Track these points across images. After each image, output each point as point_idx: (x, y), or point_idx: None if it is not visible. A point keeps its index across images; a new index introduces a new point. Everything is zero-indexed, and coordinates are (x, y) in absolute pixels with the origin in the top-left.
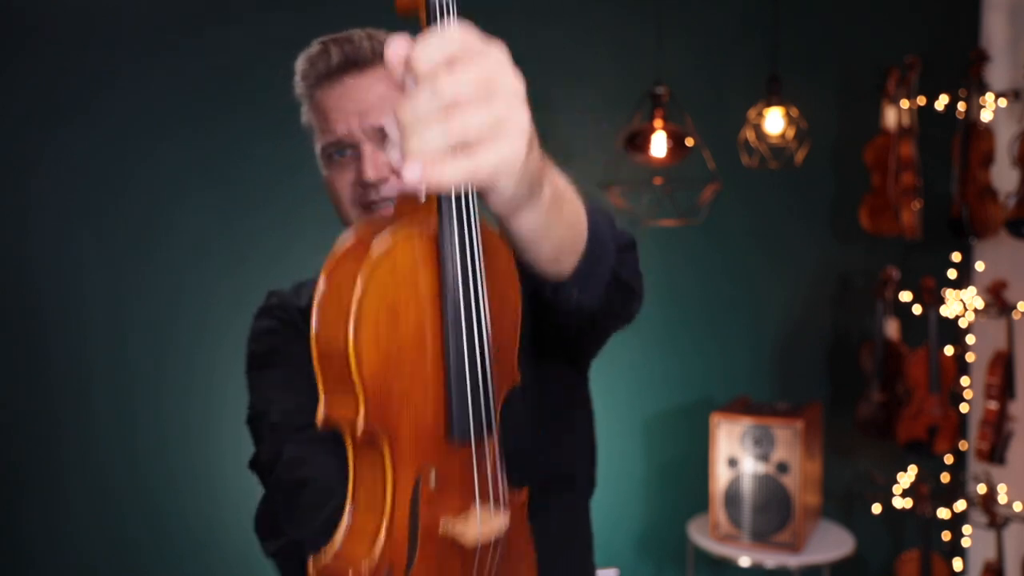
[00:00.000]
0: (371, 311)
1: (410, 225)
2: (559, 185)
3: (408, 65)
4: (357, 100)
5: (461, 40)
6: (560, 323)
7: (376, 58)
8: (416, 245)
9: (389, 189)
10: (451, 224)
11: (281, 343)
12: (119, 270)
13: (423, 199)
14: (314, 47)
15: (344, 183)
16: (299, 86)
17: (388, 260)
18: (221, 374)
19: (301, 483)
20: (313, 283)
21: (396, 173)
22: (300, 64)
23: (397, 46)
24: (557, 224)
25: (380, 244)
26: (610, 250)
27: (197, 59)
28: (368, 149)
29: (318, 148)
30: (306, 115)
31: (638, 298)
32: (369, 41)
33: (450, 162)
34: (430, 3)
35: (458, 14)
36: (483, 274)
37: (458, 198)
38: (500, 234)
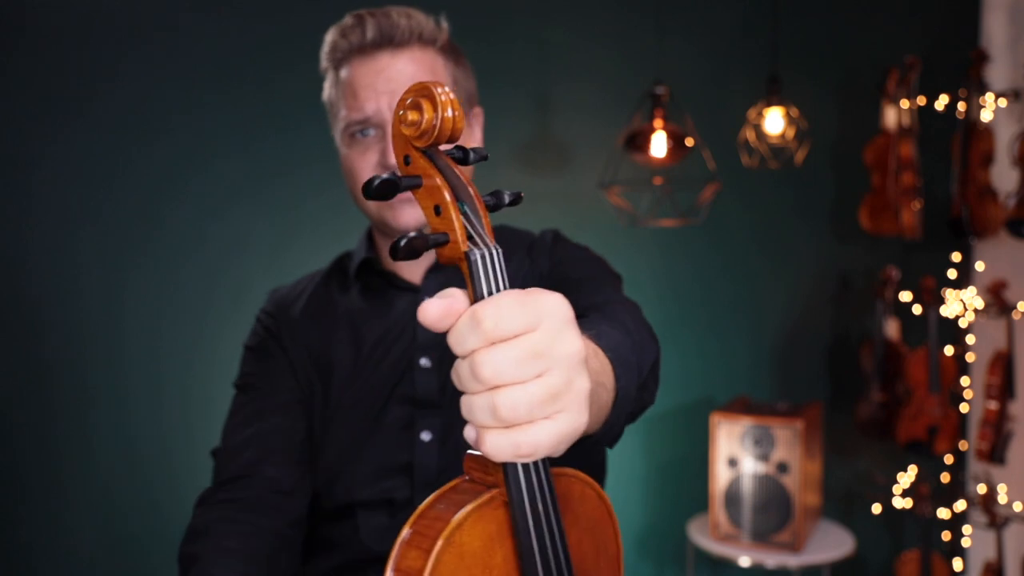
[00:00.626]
0: None
1: (476, 496)
2: (593, 383)
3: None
4: (389, 79)
5: (500, 320)
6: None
7: (412, 38)
8: (485, 517)
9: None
10: (519, 490)
11: (257, 366)
12: (116, 267)
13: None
14: (347, 19)
15: (365, 165)
16: (326, 58)
17: (453, 548)
18: (219, 369)
19: (191, 558)
20: (311, 278)
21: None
22: (330, 36)
23: (432, 308)
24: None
25: (445, 525)
26: (631, 399)
27: (194, 56)
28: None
29: (340, 125)
30: (329, 90)
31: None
32: (407, 20)
33: (501, 436)
34: (471, 259)
35: (454, 18)
36: (563, 532)
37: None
38: (582, 478)
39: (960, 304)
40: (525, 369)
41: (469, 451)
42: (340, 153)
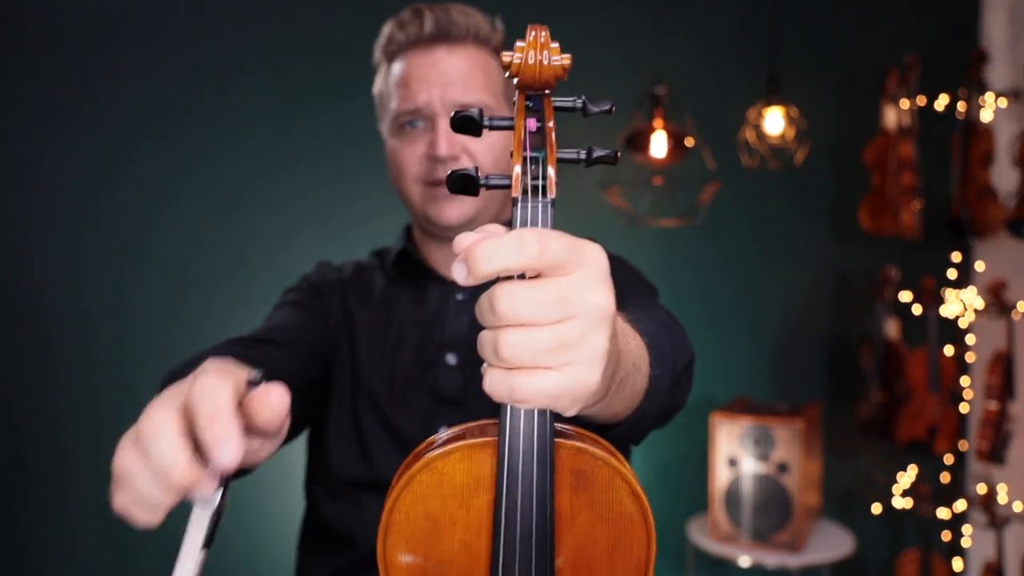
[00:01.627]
0: (404, 518)
1: (478, 436)
2: (628, 364)
3: (465, 260)
4: (443, 73)
5: (529, 253)
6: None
7: (469, 36)
8: (476, 458)
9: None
10: (504, 436)
11: (297, 296)
12: (118, 266)
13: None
14: (405, 13)
15: (412, 155)
16: (380, 51)
17: (433, 470)
18: None
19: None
20: (353, 262)
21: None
22: (387, 28)
23: (465, 239)
24: (617, 402)
25: (433, 452)
26: (664, 390)
27: (194, 56)
28: (444, 124)
29: (390, 116)
30: (380, 83)
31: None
32: (465, 17)
33: (499, 375)
34: (518, 203)
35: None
36: (546, 497)
37: (527, 415)
38: (613, 466)
39: (960, 304)
40: (545, 312)
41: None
42: (386, 144)
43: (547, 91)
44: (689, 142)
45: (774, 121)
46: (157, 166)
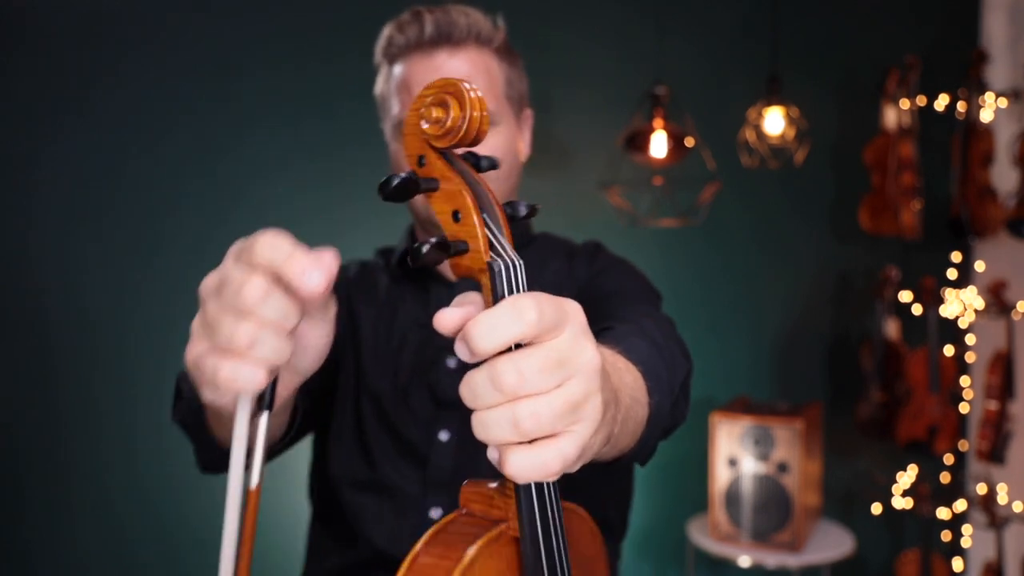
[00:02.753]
0: None
1: (485, 530)
2: (627, 399)
3: (464, 340)
4: (446, 76)
5: (528, 321)
6: None
7: (470, 37)
8: (496, 554)
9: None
10: (533, 523)
11: None
12: (118, 267)
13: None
14: (405, 15)
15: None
16: (380, 53)
17: None
18: None
19: None
20: (359, 261)
21: None
22: (388, 30)
23: (447, 319)
24: (623, 438)
25: (454, 565)
26: (665, 414)
27: (194, 56)
28: None
29: (392, 120)
30: (381, 85)
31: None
32: (466, 18)
33: (526, 454)
34: (494, 269)
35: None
36: (571, 571)
37: (539, 489)
38: (580, 514)
39: (960, 304)
40: (549, 378)
41: (467, 483)
42: (390, 148)
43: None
44: (689, 142)
45: (774, 121)
46: (157, 166)
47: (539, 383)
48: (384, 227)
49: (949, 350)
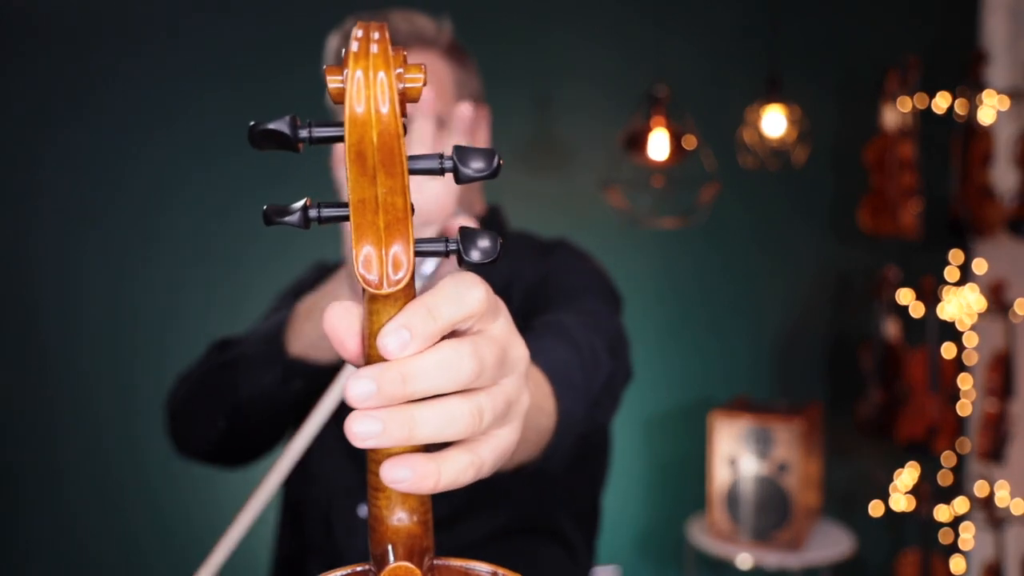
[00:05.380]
0: None
1: None
2: (532, 405)
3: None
4: None
5: (477, 301)
6: None
7: (413, 42)
8: None
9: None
10: None
11: (292, 301)
12: (118, 267)
13: None
14: (348, 24)
15: None
16: (328, 62)
17: None
18: None
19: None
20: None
21: None
22: (332, 42)
23: (351, 347)
24: (521, 451)
25: None
26: (578, 420)
27: (194, 56)
28: None
29: None
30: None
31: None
32: (408, 24)
33: (462, 453)
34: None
35: (454, 18)
36: None
37: None
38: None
39: (960, 304)
40: (495, 371)
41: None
42: (334, 155)
43: None
44: (689, 142)
45: (774, 121)
46: (157, 166)
47: (488, 376)
48: None
49: (949, 350)
